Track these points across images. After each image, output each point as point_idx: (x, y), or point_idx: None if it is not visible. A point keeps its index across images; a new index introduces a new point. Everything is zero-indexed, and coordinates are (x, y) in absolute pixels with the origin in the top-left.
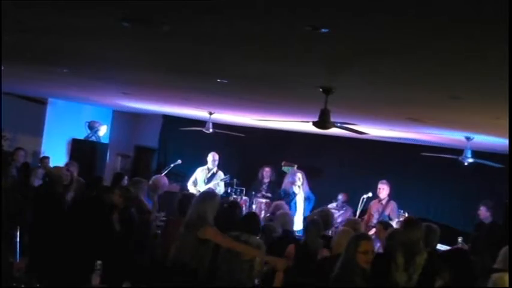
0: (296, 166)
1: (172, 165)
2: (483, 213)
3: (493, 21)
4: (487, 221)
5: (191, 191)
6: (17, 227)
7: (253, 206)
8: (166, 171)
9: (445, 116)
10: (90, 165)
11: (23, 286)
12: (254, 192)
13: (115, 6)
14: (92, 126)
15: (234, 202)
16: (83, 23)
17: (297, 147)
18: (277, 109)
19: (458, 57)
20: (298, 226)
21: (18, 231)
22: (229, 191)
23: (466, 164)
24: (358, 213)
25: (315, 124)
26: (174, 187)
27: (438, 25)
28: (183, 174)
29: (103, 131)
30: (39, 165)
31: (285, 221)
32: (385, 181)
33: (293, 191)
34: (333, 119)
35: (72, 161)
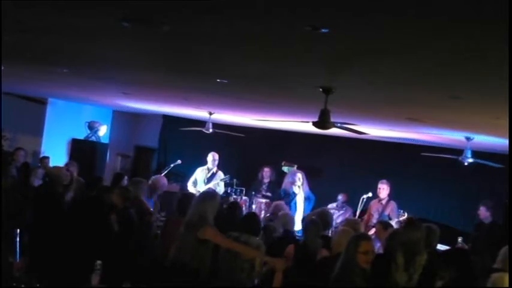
0: (296, 166)
1: (172, 165)
2: (483, 213)
3: (493, 21)
4: (487, 221)
5: (191, 191)
6: (17, 227)
7: (253, 206)
8: (166, 171)
9: (445, 116)
10: (90, 165)
11: (23, 286)
12: (254, 192)
13: (115, 6)
14: (92, 126)
15: (235, 203)
16: (83, 23)
17: (297, 147)
18: (277, 109)
19: (458, 57)
20: (298, 226)
21: (18, 231)
22: (229, 191)
23: (466, 164)
24: (358, 213)
25: (315, 124)
26: (174, 187)
27: (438, 25)
28: (183, 174)
29: (103, 131)
30: (39, 165)
31: (286, 222)
32: (385, 181)
33: (293, 191)
34: (333, 119)
35: (72, 161)
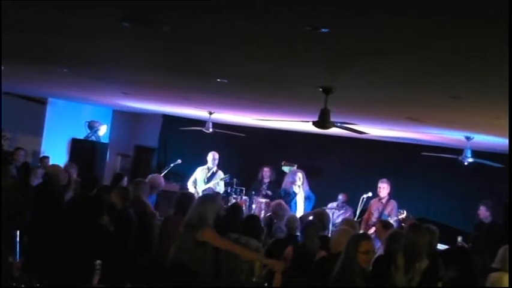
0: (296, 166)
1: (172, 165)
2: (483, 213)
3: (493, 21)
4: (487, 221)
5: (191, 190)
6: (17, 227)
7: (253, 205)
8: (166, 171)
9: (445, 116)
10: (90, 164)
11: (23, 286)
12: (254, 192)
13: (115, 6)
14: (92, 126)
15: (235, 205)
16: (83, 23)
17: (297, 147)
18: (277, 109)
19: (458, 57)
20: None
21: (18, 231)
22: (229, 190)
23: (466, 163)
24: (358, 213)
25: (315, 124)
26: (174, 187)
27: (438, 25)
28: (183, 174)
29: (103, 130)
30: (39, 165)
31: (292, 226)
32: (385, 180)
33: (293, 190)
34: (333, 119)
35: (71, 163)
